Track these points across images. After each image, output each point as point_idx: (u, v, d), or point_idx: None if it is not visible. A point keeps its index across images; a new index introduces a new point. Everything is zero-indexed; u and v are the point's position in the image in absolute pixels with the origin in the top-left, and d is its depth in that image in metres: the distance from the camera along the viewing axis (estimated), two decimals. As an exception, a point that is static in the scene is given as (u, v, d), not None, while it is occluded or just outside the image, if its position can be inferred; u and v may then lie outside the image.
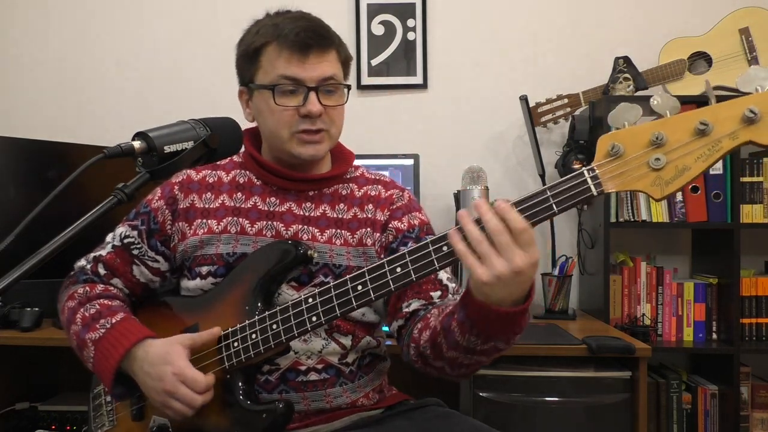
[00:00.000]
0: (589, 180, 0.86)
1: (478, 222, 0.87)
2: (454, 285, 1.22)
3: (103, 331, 1.12)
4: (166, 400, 1.04)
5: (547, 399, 1.71)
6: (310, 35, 1.16)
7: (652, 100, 0.86)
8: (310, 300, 1.03)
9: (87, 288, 1.21)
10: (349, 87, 1.23)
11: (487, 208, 0.86)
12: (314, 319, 1.02)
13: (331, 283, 1.02)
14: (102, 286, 1.23)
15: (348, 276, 1.00)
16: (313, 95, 1.16)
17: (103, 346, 1.11)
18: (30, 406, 2.15)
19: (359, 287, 0.99)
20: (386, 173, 1.38)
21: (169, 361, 1.04)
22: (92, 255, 1.26)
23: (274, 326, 1.05)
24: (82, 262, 1.27)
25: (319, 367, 1.17)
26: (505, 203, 0.86)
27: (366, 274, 0.98)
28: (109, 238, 1.27)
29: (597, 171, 0.86)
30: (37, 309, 1.91)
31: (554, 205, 0.87)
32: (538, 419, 1.71)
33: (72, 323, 1.17)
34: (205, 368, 1.08)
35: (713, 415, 2.13)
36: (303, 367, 1.16)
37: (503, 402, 1.71)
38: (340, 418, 1.19)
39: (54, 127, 2.57)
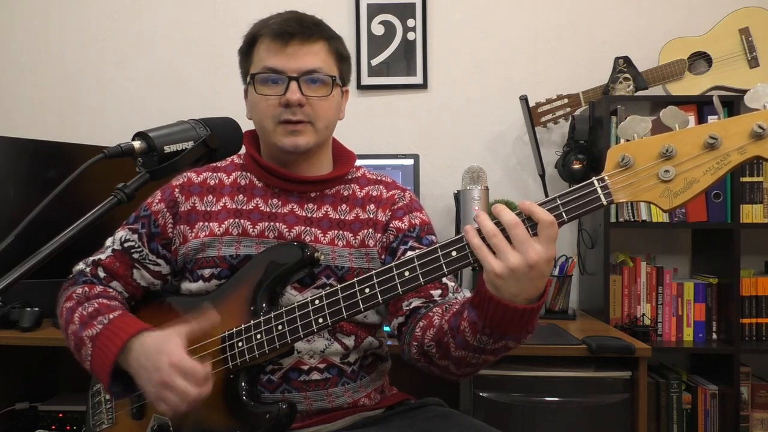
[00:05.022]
0: (599, 190, 0.88)
1: (498, 225, 0.89)
2: (453, 284, 1.23)
3: (100, 327, 1.10)
4: (161, 392, 1.00)
5: (547, 399, 1.71)
6: (291, 24, 1.16)
7: (662, 112, 0.88)
8: (317, 302, 1.03)
9: (86, 288, 1.20)
10: (334, 78, 1.19)
11: (503, 207, 0.88)
12: (320, 320, 1.02)
13: (338, 286, 1.02)
14: (101, 287, 1.22)
15: (356, 279, 1.00)
16: (293, 84, 1.15)
17: (100, 341, 1.09)
18: (30, 406, 2.15)
19: (367, 290, 0.99)
20: (386, 173, 1.38)
21: (165, 351, 1.01)
22: (91, 259, 1.25)
23: (280, 327, 1.05)
24: (81, 265, 1.26)
25: (322, 366, 1.17)
26: (530, 202, 0.88)
27: (374, 277, 0.98)
28: (108, 242, 1.26)
29: (607, 181, 0.88)
30: (37, 309, 1.90)
31: (564, 214, 0.88)
32: (538, 419, 1.71)
33: (70, 323, 1.15)
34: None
35: (713, 415, 2.13)
36: (305, 367, 1.16)
37: (503, 402, 1.71)
38: (342, 417, 1.19)
39: (54, 127, 2.57)
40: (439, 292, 1.19)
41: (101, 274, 1.23)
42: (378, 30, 2.50)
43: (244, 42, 1.23)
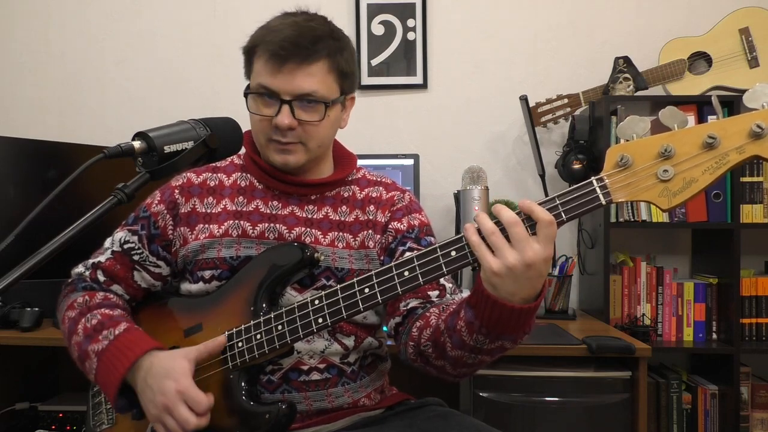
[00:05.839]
0: (598, 190, 0.88)
1: (498, 224, 0.89)
2: (451, 285, 1.23)
3: (106, 342, 1.10)
4: (162, 416, 1.02)
5: (547, 399, 1.71)
6: (287, 45, 1.11)
7: (660, 112, 0.88)
8: (317, 302, 1.03)
9: (86, 297, 1.19)
10: (327, 104, 1.15)
11: (503, 206, 0.89)
12: (320, 320, 1.02)
13: (338, 286, 1.02)
14: (102, 294, 1.21)
15: (355, 279, 1.00)
16: (285, 108, 1.13)
17: (107, 358, 1.09)
18: (30, 406, 2.15)
19: (366, 290, 0.99)
20: (386, 173, 1.38)
21: (173, 376, 1.02)
22: (90, 261, 1.24)
23: (280, 327, 1.05)
24: (80, 268, 1.25)
25: (321, 366, 1.17)
26: (530, 201, 0.89)
27: (374, 277, 0.99)
28: (107, 243, 1.25)
29: (606, 181, 0.88)
30: (37, 309, 1.91)
31: (563, 213, 0.89)
32: (538, 419, 1.71)
33: (73, 334, 1.15)
34: (209, 368, 1.08)
35: (713, 415, 2.13)
36: (305, 367, 1.16)
37: (503, 402, 1.71)
38: (342, 418, 1.18)
39: (54, 127, 2.57)
40: (436, 293, 1.19)
41: (101, 278, 1.22)
42: (378, 30, 2.50)
43: (245, 47, 1.20)
